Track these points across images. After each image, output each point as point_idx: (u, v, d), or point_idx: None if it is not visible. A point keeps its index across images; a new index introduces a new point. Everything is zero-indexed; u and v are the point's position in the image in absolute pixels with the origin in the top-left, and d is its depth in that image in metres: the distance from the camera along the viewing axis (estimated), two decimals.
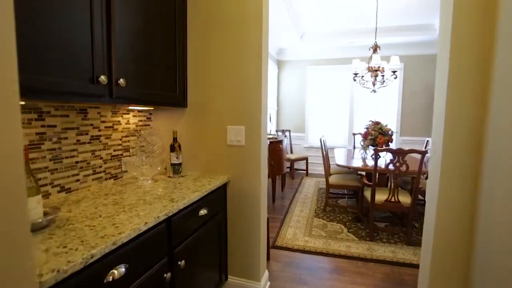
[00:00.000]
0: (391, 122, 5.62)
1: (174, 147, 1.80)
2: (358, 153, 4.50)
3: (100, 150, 1.60)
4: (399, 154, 2.59)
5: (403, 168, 2.64)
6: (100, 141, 1.61)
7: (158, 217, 1.12)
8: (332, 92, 6.12)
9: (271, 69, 5.95)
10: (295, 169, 5.99)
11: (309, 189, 4.88)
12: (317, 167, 6.08)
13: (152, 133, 1.93)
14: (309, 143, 6.27)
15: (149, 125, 2.02)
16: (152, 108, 1.94)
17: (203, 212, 1.52)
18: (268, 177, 3.68)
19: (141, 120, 1.94)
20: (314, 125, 6.27)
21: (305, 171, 5.96)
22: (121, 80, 1.28)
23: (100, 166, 1.61)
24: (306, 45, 5.77)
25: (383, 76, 3.77)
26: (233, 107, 1.82)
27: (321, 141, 3.65)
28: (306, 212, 3.68)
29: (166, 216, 1.19)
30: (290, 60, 6.30)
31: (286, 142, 4.54)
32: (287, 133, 6.13)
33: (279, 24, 4.70)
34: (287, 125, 6.37)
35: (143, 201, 1.31)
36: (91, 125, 1.54)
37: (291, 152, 6.12)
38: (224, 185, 1.84)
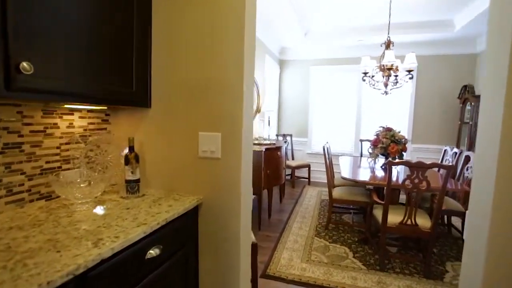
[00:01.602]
0: (402, 128, 5.13)
1: (129, 159, 1.38)
2: (366, 162, 4.04)
3: (21, 162, 1.19)
4: (419, 168, 2.14)
5: (423, 185, 2.18)
6: (22, 151, 1.19)
7: (48, 283, 0.69)
8: (337, 95, 5.66)
9: (273, 69, 5.52)
10: (296, 177, 5.54)
11: (311, 200, 4.43)
12: (320, 175, 5.62)
13: (106, 140, 1.51)
14: (312, 149, 5.81)
15: (105, 129, 1.60)
16: (106, 108, 1.53)
17: (153, 252, 1.09)
18: (264, 189, 3.25)
19: (92, 123, 1.52)
20: (318, 130, 5.82)
21: (307, 180, 5.50)
22: (24, 64, 0.86)
23: (22, 184, 1.19)
24: (310, 43, 5.34)
25: (396, 76, 3.31)
26: (207, 108, 1.39)
27: (324, 149, 3.20)
28: (306, 229, 3.23)
29: (73, 276, 0.76)
30: (293, 60, 5.87)
31: (285, 147, 4.09)
32: (288, 138, 5.69)
33: (282, 21, 4.28)
34: (288, 129, 5.92)
35: (54, 243, 0.88)
36: (5, 129, 1.13)
37: (292, 159, 5.67)
38: (195, 208, 1.41)
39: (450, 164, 2.16)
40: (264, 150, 3.10)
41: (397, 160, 2.13)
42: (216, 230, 1.43)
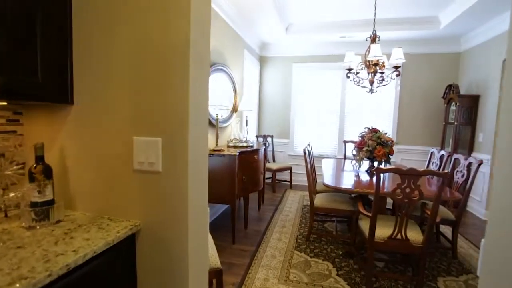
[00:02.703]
0: (386, 129, 4.95)
1: (34, 175, 1.00)
2: (350, 165, 3.78)
3: None
4: (410, 176, 1.86)
5: (415, 194, 1.91)
6: None
7: None
8: (321, 94, 5.41)
9: (253, 66, 5.19)
10: (278, 180, 5.24)
11: (292, 205, 4.13)
12: (302, 178, 5.34)
13: (13, 146, 1.13)
14: (294, 150, 5.53)
15: (14, 132, 1.21)
16: (6, 104, 1.14)
17: None
18: (239, 197, 2.91)
19: None
20: (300, 131, 5.54)
21: (289, 183, 5.20)
22: None
23: None
24: (292, 39, 5.05)
25: (382, 73, 3.06)
26: (143, 104, 1.03)
27: (305, 152, 2.91)
28: (285, 241, 2.91)
29: None
30: (275, 57, 5.56)
31: (266, 149, 3.77)
32: (269, 139, 5.38)
33: (262, 14, 3.96)
34: (269, 130, 5.61)
35: None
36: None
37: (273, 161, 5.36)
38: (130, 237, 1.05)
39: (445, 171, 1.90)
40: (238, 154, 2.76)
41: (386, 167, 1.85)
42: (161, 264, 1.07)
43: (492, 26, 3.94)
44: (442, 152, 3.28)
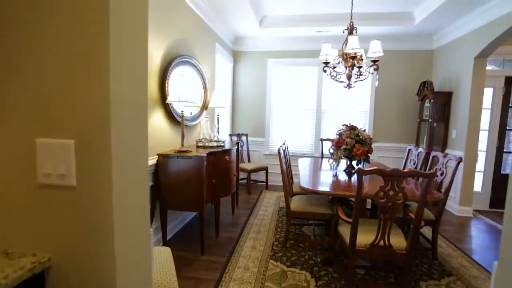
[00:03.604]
0: (362, 126, 4.88)
1: None
2: (327, 164, 3.63)
3: None
4: (394, 178, 1.69)
5: (399, 197, 1.74)
6: None
7: None
8: (297, 90, 5.23)
9: (226, 61, 4.90)
10: (253, 181, 5.00)
11: (268, 208, 3.91)
12: (279, 178, 5.12)
13: None
14: (270, 149, 5.32)
15: None
16: None
17: None
18: (208, 202, 2.63)
19: None
20: (276, 129, 5.34)
21: (265, 183, 4.98)
22: None
23: None
24: (266, 33, 4.82)
25: (360, 68, 2.90)
26: (48, 93, 0.73)
27: (279, 152, 2.68)
28: (260, 249, 2.68)
29: None
30: (249, 51, 5.30)
31: (236, 149, 3.52)
32: (243, 138, 5.12)
33: (233, 4, 3.68)
34: (243, 129, 5.36)
35: None
36: None
37: (249, 161, 5.12)
38: (38, 277, 0.75)
39: (431, 171, 1.74)
40: (206, 155, 2.48)
41: (368, 168, 1.65)
42: None
43: (463, 23, 3.94)
44: (420, 149, 3.20)
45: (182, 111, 2.61)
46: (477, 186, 4.21)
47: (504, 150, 4.27)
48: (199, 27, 3.63)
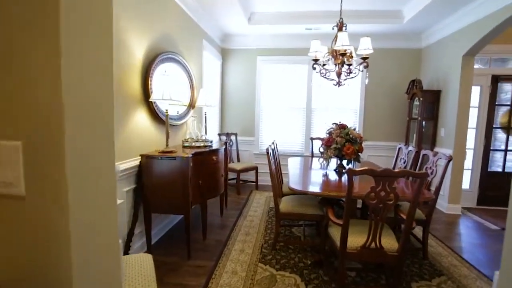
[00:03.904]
0: (352, 125, 4.85)
1: None
2: (318, 163, 3.58)
3: None
4: (386, 178, 1.63)
5: (391, 197, 1.69)
6: None
7: None
8: (287, 88, 5.16)
9: (214, 59, 4.80)
10: (243, 181, 4.91)
11: (258, 209, 3.83)
12: (269, 178, 5.06)
13: None
14: (259, 149, 5.24)
15: None
16: None
17: None
18: (194, 204, 2.53)
19: None
20: (266, 128, 5.26)
21: (254, 183, 4.90)
22: None
23: None
24: (255, 30, 4.74)
25: (349, 65, 2.85)
26: None
27: (268, 152, 2.60)
28: (249, 252, 2.59)
29: None
30: (238, 49, 5.20)
31: (224, 149, 3.43)
32: (233, 137, 5.03)
33: (221, 1, 3.57)
34: (233, 128, 5.26)
35: None
36: None
37: (238, 161, 5.02)
38: None
39: (423, 171, 1.69)
40: (191, 155, 2.38)
41: (359, 169, 1.59)
42: None
43: (450, 22, 3.95)
44: (410, 148, 3.17)
45: (167, 110, 2.50)
46: (465, 183, 4.24)
47: (491, 148, 4.31)
48: (185, 23, 3.51)
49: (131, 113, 2.36)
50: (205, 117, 3.63)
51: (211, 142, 3.13)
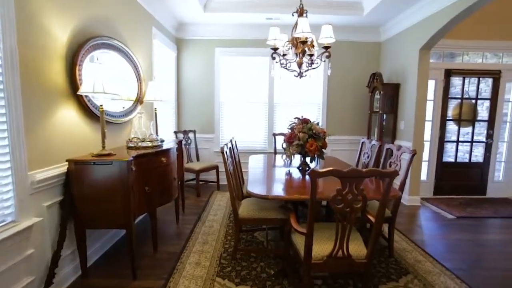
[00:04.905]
0: (317, 119, 4.74)
1: None
2: (281, 160, 3.38)
3: None
4: (353, 179, 1.43)
5: (359, 200, 1.50)
6: None
7: None
8: (247, 82, 4.89)
9: (167, 50, 4.36)
10: (203, 181, 4.58)
11: (218, 212, 3.54)
12: None
13: None
14: (220, 146, 4.90)
15: None
16: None
17: None
18: (141, 214, 2.17)
19: None
20: (227, 124, 4.95)
21: (215, 183, 4.59)
22: None
23: None
24: (212, 18, 4.39)
25: (311, 55, 2.66)
26: None
27: (223, 152, 2.32)
28: (206, 265, 2.30)
29: None
30: (194, 39, 4.80)
31: (176, 148, 3.08)
32: (191, 135, 4.65)
33: None
34: (191, 125, 4.88)
35: None
36: None
37: (197, 160, 4.66)
38: None
39: (392, 169, 1.53)
40: (132, 158, 2.01)
41: (323, 170, 1.37)
42: None
43: (407, 16, 3.96)
44: (374, 142, 3.09)
45: (101, 105, 2.09)
46: (423, 175, 4.34)
47: (445, 140, 4.46)
48: (129, 6, 3.06)
49: (53, 109, 1.92)
50: (155, 113, 3.23)
51: (162, 141, 2.76)
